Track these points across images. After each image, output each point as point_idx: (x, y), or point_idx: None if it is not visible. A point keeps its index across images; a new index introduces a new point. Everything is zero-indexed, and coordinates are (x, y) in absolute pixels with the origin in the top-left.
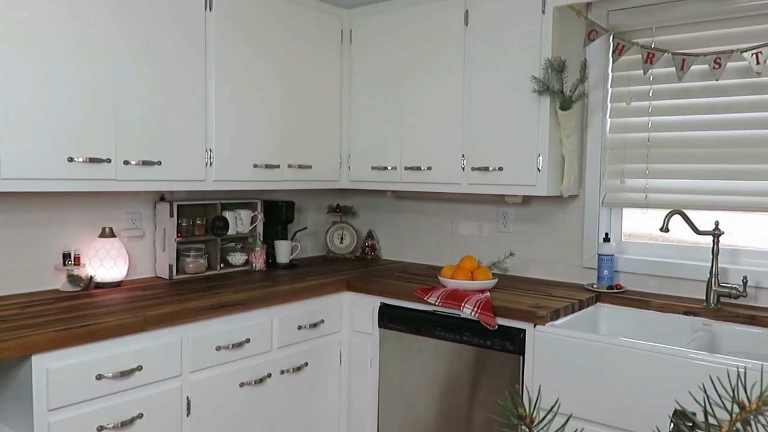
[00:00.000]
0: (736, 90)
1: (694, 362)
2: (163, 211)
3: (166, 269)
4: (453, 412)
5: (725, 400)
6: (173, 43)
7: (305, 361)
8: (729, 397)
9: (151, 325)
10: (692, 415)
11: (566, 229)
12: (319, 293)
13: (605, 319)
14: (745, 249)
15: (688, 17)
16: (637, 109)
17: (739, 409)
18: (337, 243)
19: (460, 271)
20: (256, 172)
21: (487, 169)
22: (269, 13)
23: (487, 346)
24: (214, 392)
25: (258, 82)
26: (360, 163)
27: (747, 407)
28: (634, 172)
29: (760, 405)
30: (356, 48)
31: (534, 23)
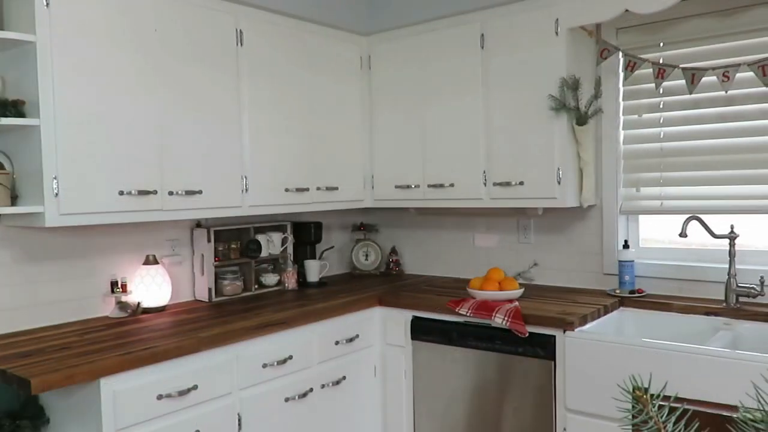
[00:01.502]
0: (744, 99)
1: (719, 359)
2: (201, 237)
3: (205, 292)
4: (488, 418)
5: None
6: (210, 78)
7: (343, 375)
8: None
9: (204, 345)
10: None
11: (586, 237)
12: (353, 309)
13: (629, 322)
14: (760, 250)
15: (693, 33)
16: (649, 121)
17: None
18: (363, 260)
19: (488, 283)
20: (287, 195)
21: (509, 184)
22: (293, 45)
23: (519, 353)
24: (262, 408)
25: (286, 111)
26: (384, 183)
27: None
28: (649, 180)
29: None
30: (375, 73)
31: (548, 44)
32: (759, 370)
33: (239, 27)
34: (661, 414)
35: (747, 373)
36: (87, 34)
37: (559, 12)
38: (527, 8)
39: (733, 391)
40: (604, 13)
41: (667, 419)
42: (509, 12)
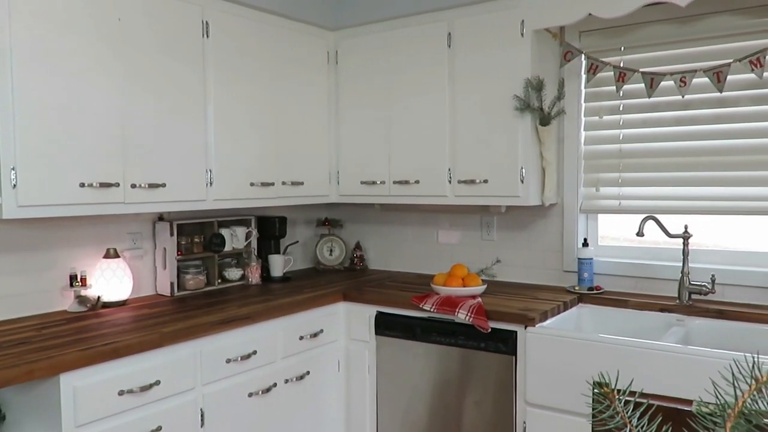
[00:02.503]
0: (699, 104)
1: (672, 354)
2: (163, 231)
3: (167, 287)
4: (450, 413)
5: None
6: (175, 69)
7: (307, 370)
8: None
9: (167, 340)
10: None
11: (547, 235)
12: (317, 304)
13: (588, 318)
14: (712, 250)
15: (653, 38)
16: (609, 123)
17: (755, 381)
18: (327, 255)
19: (452, 279)
20: (252, 190)
21: (473, 181)
22: (260, 38)
23: (481, 348)
24: (225, 403)
25: (252, 104)
26: (349, 178)
27: (760, 379)
28: (608, 180)
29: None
30: (342, 68)
31: (513, 45)
32: (709, 364)
33: (205, 18)
34: (627, 409)
35: (698, 367)
36: (48, 21)
37: (524, 14)
38: (494, 9)
39: (685, 385)
40: (568, 16)
41: (632, 414)
42: (476, 12)
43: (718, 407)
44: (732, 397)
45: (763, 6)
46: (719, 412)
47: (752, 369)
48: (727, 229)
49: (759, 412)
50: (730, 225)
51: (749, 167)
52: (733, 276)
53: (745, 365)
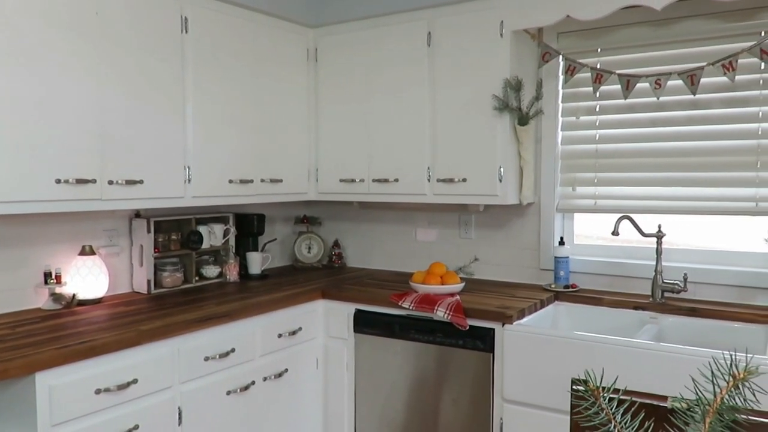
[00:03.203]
0: (674, 106)
1: (645, 351)
2: (140, 228)
3: (144, 284)
4: (427, 410)
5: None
6: (153, 65)
7: (285, 368)
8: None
9: (144, 338)
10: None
11: (524, 234)
12: (296, 302)
13: (564, 316)
14: (684, 249)
15: (629, 41)
16: (585, 123)
17: (732, 378)
18: (305, 252)
19: (430, 277)
20: (231, 187)
21: (452, 180)
22: (239, 34)
23: (459, 346)
24: (204, 401)
25: (231, 101)
26: (328, 176)
27: (737, 376)
28: (584, 180)
29: (746, 375)
30: (322, 66)
31: (493, 45)
32: (681, 361)
33: (184, 14)
34: (611, 406)
35: (670, 364)
36: (24, 13)
37: (504, 14)
38: (473, 9)
39: (658, 381)
40: (546, 18)
41: (616, 411)
42: (456, 12)
43: (693, 403)
44: (709, 393)
45: (736, 11)
46: (695, 407)
47: (730, 366)
48: (700, 228)
49: (736, 408)
50: (703, 225)
51: (721, 168)
52: (705, 275)
53: (722, 362)
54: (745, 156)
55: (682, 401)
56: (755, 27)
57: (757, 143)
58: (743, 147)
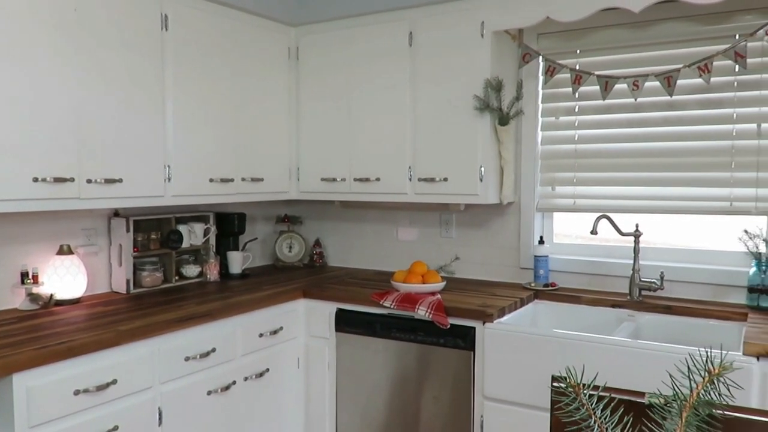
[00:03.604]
0: (651, 107)
1: (623, 348)
2: (119, 227)
3: (123, 284)
4: (408, 408)
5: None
6: (132, 63)
7: (267, 367)
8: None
9: (124, 339)
10: (564, 379)
11: (504, 233)
12: (277, 301)
13: (543, 314)
14: (661, 248)
15: (608, 42)
16: (565, 124)
17: (708, 374)
18: (286, 252)
19: (412, 276)
20: (212, 186)
21: (433, 179)
22: (220, 32)
23: (440, 344)
24: (184, 402)
25: (212, 99)
26: (309, 175)
27: (713, 372)
28: (564, 180)
29: (720, 370)
30: (303, 64)
31: (474, 46)
32: (658, 358)
33: (164, 11)
34: (591, 402)
35: (647, 360)
36: (0, 9)
37: (485, 15)
38: (455, 10)
39: (635, 377)
40: (527, 19)
41: (596, 406)
42: (437, 12)
43: (670, 398)
44: (685, 388)
45: (711, 14)
46: (672, 403)
47: (706, 362)
48: (676, 227)
49: (711, 403)
50: (679, 224)
51: (696, 169)
52: (681, 273)
53: (698, 359)
54: (720, 157)
55: (659, 397)
56: (730, 30)
57: (731, 144)
58: (718, 148)
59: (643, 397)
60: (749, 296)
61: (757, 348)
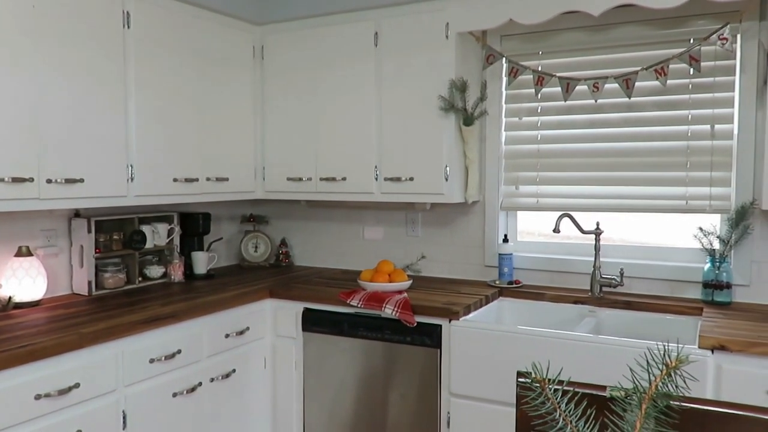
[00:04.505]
0: (611, 108)
1: (584, 344)
2: (80, 228)
3: (84, 286)
4: (376, 406)
5: (651, 366)
6: (93, 61)
7: (233, 368)
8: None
9: (87, 341)
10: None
11: (469, 231)
12: (243, 301)
13: (508, 311)
14: (621, 245)
15: (569, 45)
16: (527, 124)
17: (665, 367)
18: (252, 251)
19: (378, 275)
20: (176, 186)
21: (399, 179)
22: (183, 30)
23: (407, 342)
24: (149, 404)
25: (176, 98)
26: (275, 175)
27: (670, 365)
28: (527, 179)
29: (677, 363)
30: (269, 64)
31: (439, 47)
32: (618, 352)
33: (126, 8)
34: (556, 396)
35: (608, 355)
36: None
37: (449, 17)
38: (420, 11)
39: (596, 371)
40: (490, 21)
41: (561, 400)
42: (402, 13)
43: (630, 391)
44: (644, 381)
45: (668, 19)
46: (632, 396)
47: (663, 356)
48: (635, 225)
49: (669, 395)
50: (638, 222)
51: (654, 168)
52: (639, 270)
53: (656, 352)
54: (676, 157)
55: (619, 390)
56: (685, 34)
57: (687, 144)
58: (674, 148)
59: (605, 391)
60: (704, 291)
61: (712, 341)
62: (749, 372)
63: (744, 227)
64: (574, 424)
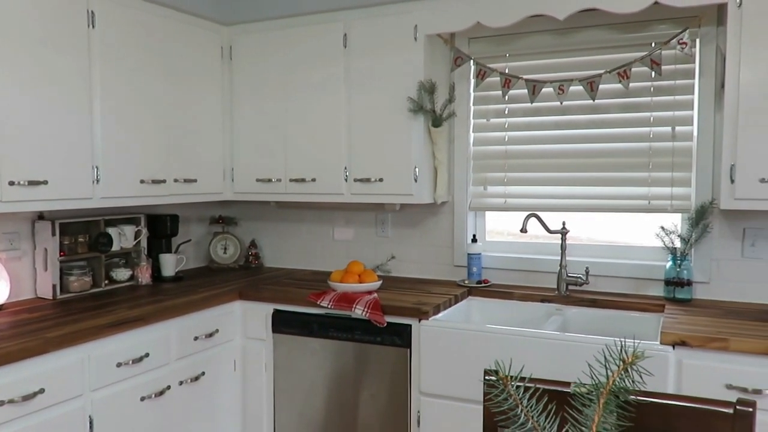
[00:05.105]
0: (576, 110)
1: (551, 341)
2: (44, 230)
3: (49, 289)
4: (346, 406)
5: (609, 362)
6: (57, 61)
7: (202, 371)
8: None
9: (52, 346)
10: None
11: (439, 232)
12: (212, 304)
13: (477, 310)
14: (586, 244)
15: (535, 47)
16: (495, 125)
17: (622, 362)
18: (221, 253)
19: (348, 275)
20: (143, 187)
21: (368, 180)
22: (150, 30)
23: (377, 342)
24: (116, 408)
25: (143, 99)
26: (244, 176)
27: (627, 360)
28: (495, 180)
29: (633, 359)
30: (237, 64)
31: (407, 49)
32: (583, 349)
33: (90, 8)
34: (519, 392)
35: (574, 352)
36: None
37: (417, 19)
38: (388, 13)
39: (563, 368)
40: (458, 24)
41: (523, 396)
42: (371, 14)
43: (593, 387)
44: (604, 377)
45: (631, 23)
46: (594, 391)
47: (620, 352)
48: (600, 225)
49: (626, 389)
50: (605, 221)
51: (618, 169)
52: (604, 268)
53: (614, 349)
54: (639, 158)
55: (583, 386)
56: (647, 38)
57: (649, 146)
58: (637, 149)
59: (569, 387)
60: (666, 288)
61: (673, 337)
62: (709, 366)
63: (704, 226)
64: (535, 420)
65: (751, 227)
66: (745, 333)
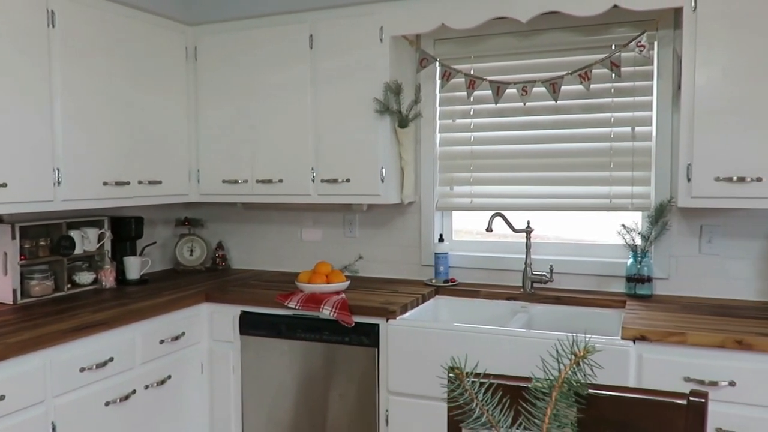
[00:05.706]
0: (539, 111)
1: (516, 338)
2: (3, 234)
3: (9, 294)
4: (315, 407)
5: (561, 357)
6: (15, 61)
7: (168, 374)
8: (555, 357)
9: (12, 352)
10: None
11: (406, 231)
12: (178, 306)
13: (444, 308)
14: (550, 243)
15: (499, 49)
16: (461, 126)
17: (574, 356)
18: (187, 255)
19: (316, 276)
20: (106, 189)
21: (335, 181)
22: (112, 30)
23: (345, 342)
24: (80, 414)
25: (105, 99)
26: (210, 177)
27: (578, 354)
28: (461, 180)
29: (585, 353)
30: (202, 65)
31: (373, 50)
32: (546, 345)
33: (50, 7)
34: (474, 387)
35: (536, 348)
36: None
37: (383, 20)
38: (354, 14)
39: (526, 364)
40: (423, 25)
41: (478, 391)
42: (337, 15)
43: (551, 381)
44: (557, 371)
45: (591, 26)
46: (547, 386)
47: (572, 346)
48: (563, 223)
49: (578, 382)
50: (566, 220)
51: (580, 168)
52: (568, 266)
53: (567, 343)
54: (600, 158)
55: (543, 381)
56: (607, 41)
57: (610, 146)
58: (598, 149)
59: (525, 382)
60: (627, 285)
61: (633, 332)
62: (668, 360)
63: (663, 224)
64: (490, 413)
65: (707, 224)
66: (702, 327)
